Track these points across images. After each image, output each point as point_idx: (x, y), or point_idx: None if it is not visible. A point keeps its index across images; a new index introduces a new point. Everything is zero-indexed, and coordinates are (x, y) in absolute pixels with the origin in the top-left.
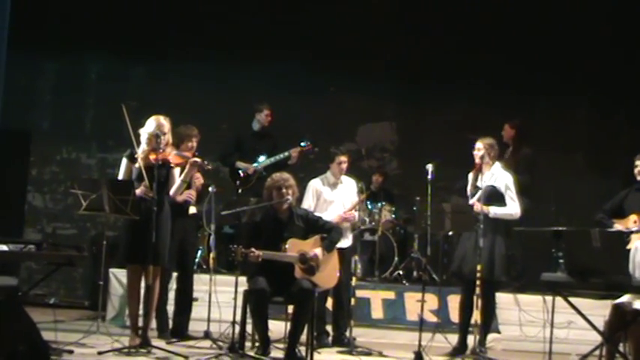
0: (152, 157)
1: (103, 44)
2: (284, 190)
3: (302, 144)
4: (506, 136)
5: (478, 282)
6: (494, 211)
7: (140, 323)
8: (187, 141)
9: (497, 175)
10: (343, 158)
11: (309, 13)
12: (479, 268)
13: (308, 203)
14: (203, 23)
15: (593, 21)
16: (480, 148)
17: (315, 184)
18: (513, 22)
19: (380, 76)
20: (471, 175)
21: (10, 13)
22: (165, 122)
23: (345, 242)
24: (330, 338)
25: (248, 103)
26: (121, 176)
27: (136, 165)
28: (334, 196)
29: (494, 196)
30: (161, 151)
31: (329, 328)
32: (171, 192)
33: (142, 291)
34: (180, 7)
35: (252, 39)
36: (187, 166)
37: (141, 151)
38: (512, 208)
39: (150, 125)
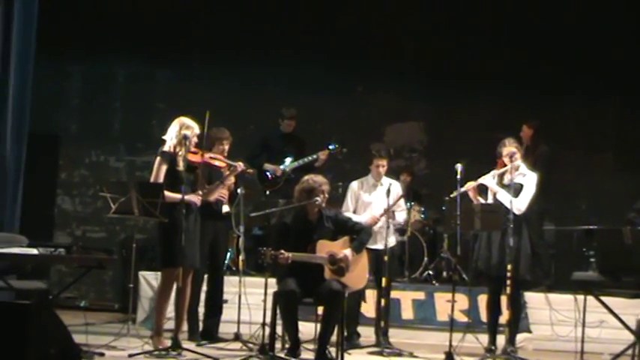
0: (193, 158)
1: (129, 46)
2: (316, 193)
3: (330, 147)
4: (524, 136)
5: (508, 281)
6: (500, 194)
7: (167, 326)
8: (219, 144)
9: (527, 174)
10: (380, 162)
11: (336, 12)
12: (509, 267)
13: (347, 205)
14: (229, 24)
15: (622, 18)
16: (513, 150)
17: (354, 187)
18: (542, 20)
19: (408, 75)
20: (493, 174)
21: (37, 16)
22: (192, 124)
23: (390, 243)
24: (362, 339)
25: (275, 103)
26: (156, 178)
27: (179, 167)
28: (372, 199)
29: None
30: (200, 153)
31: (360, 329)
32: (209, 196)
33: (172, 293)
34: (206, 8)
35: (278, 39)
36: (228, 171)
37: (180, 152)
38: (519, 201)
39: (179, 127)
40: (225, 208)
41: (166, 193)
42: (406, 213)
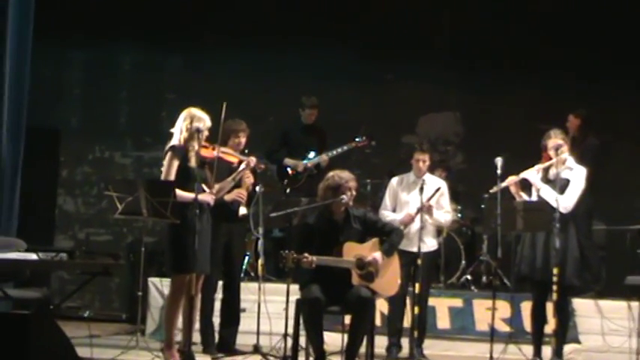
0: (205, 153)
1: (135, 31)
2: (343, 191)
3: (357, 139)
4: (570, 127)
5: (555, 287)
6: (544, 191)
7: (179, 337)
8: (235, 137)
9: (575, 169)
10: (421, 156)
11: None
12: (555, 271)
13: (385, 204)
14: (246, 6)
15: None
16: (559, 142)
17: (393, 183)
18: (588, 2)
19: (442, 61)
20: (537, 168)
21: None
22: (203, 115)
23: (428, 246)
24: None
25: (296, 93)
26: (167, 175)
27: (191, 163)
28: (410, 197)
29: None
30: (212, 148)
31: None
32: (221, 194)
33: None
34: None
35: (299, 22)
36: (242, 167)
37: (192, 147)
38: (565, 198)
39: (189, 119)
40: (243, 210)
41: (178, 191)
42: (451, 215)
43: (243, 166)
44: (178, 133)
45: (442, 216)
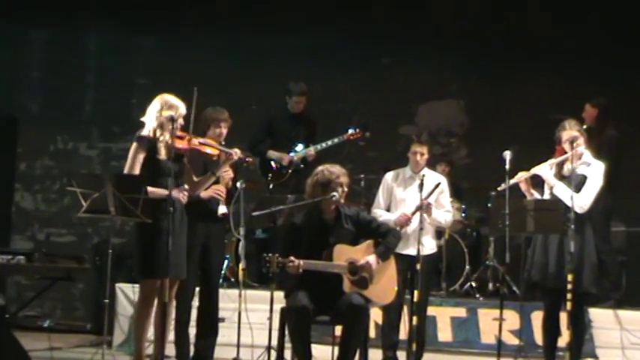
0: (179, 144)
1: (104, 8)
2: (333, 187)
3: (349, 130)
4: (587, 118)
5: (569, 295)
6: (558, 188)
7: (151, 349)
8: (215, 126)
9: (593, 164)
10: (418, 148)
11: None
12: (569, 278)
13: (378, 201)
14: None
15: None
16: (575, 134)
17: (387, 179)
18: None
19: (445, 43)
20: (550, 163)
21: None
22: (177, 102)
23: (427, 249)
24: None
25: (282, 79)
26: (131, 169)
27: (160, 156)
28: (407, 194)
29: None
30: (187, 138)
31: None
32: (197, 190)
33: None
34: None
35: (285, 1)
36: (222, 160)
37: (161, 137)
38: (582, 197)
39: (158, 106)
40: (222, 209)
41: (148, 188)
42: (452, 215)
43: (235, 157)
44: (150, 122)
45: (442, 215)
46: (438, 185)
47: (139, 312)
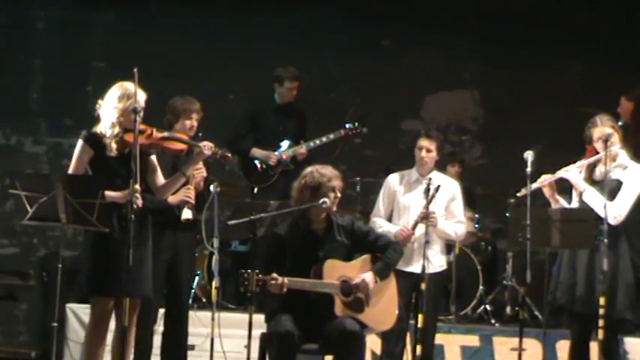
0: (141, 138)
1: None
2: (324, 192)
3: (346, 125)
4: (623, 113)
5: (601, 322)
6: (589, 194)
7: None
8: (185, 118)
9: (630, 167)
10: (423, 142)
11: None
12: (601, 301)
13: (377, 208)
14: None
15: None
16: (608, 131)
17: (389, 182)
18: None
19: (457, 25)
20: (579, 165)
21: None
22: (140, 91)
23: (434, 266)
24: None
25: (267, 63)
26: (75, 169)
27: (111, 153)
28: (411, 200)
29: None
30: (148, 132)
31: None
32: (164, 193)
33: (111, 335)
34: None
35: None
36: (194, 156)
37: (111, 131)
38: (616, 205)
39: (118, 96)
40: (187, 214)
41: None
42: (465, 226)
43: (208, 151)
44: (107, 116)
45: (451, 227)
46: (437, 188)
47: (90, 337)
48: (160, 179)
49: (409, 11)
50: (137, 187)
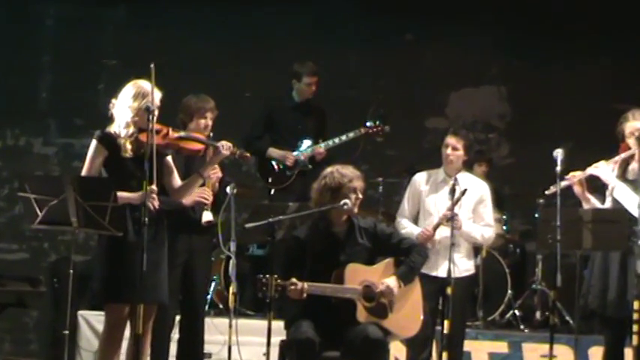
0: (156, 139)
1: None
2: (345, 193)
3: (367, 123)
4: None
5: (635, 327)
6: (620, 191)
7: None
8: (199, 117)
9: None
10: (450, 139)
11: None
12: (636, 306)
13: (402, 208)
14: None
15: None
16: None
17: (416, 181)
18: None
19: (482, 18)
20: (610, 163)
21: None
22: (149, 88)
23: (460, 270)
24: None
25: (283, 60)
26: (89, 171)
27: (126, 153)
28: (437, 202)
29: None
30: (164, 132)
31: None
32: (180, 195)
33: (125, 342)
34: None
35: None
36: (210, 157)
37: (125, 131)
38: None
39: (132, 94)
40: (207, 216)
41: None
42: (494, 230)
43: (226, 152)
44: (121, 116)
45: (478, 230)
46: (464, 192)
47: (104, 345)
48: (177, 181)
49: (432, 4)
50: (154, 187)
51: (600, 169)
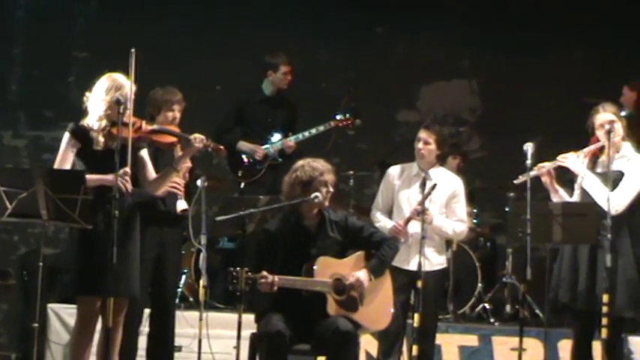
0: (122, 132)
1: None
2: (316, 186)
3: (337, 116)
4: (626, 103)
5: (604, 320)
6: (589, 181)
7: None
8: (167, 110)
9: (633, 159)
10: (421, 133)
11: None
12: (604, 299)
13: (376, 202)
14: None
15: None
16: (609, 120)
17: (390, 175)
18: None
19: (454, 12)
20: (579, 154)
21: None
22: (128, 82)
23: (432, 263)
24: None
25: (253, 52)
26: (61, 163)
27: (98, 146)
28: (409, 197)
29: None
30: (137, 125)
31: None
32: (155, 189)
33: (97, 336)
34: None
35: None
36: (180, 150)
37: (98, 124)
38: (617, 196)
39: (106, 87)
40: (182, 205)
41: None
42: (466, 226)
43: (199, 145)
44: (95, 109)
45: (450, 225)
46: (434, 187)
47: (76, 338)
48: (151, 174)
49: None
50: (127, 169)
51: (569, 160)
